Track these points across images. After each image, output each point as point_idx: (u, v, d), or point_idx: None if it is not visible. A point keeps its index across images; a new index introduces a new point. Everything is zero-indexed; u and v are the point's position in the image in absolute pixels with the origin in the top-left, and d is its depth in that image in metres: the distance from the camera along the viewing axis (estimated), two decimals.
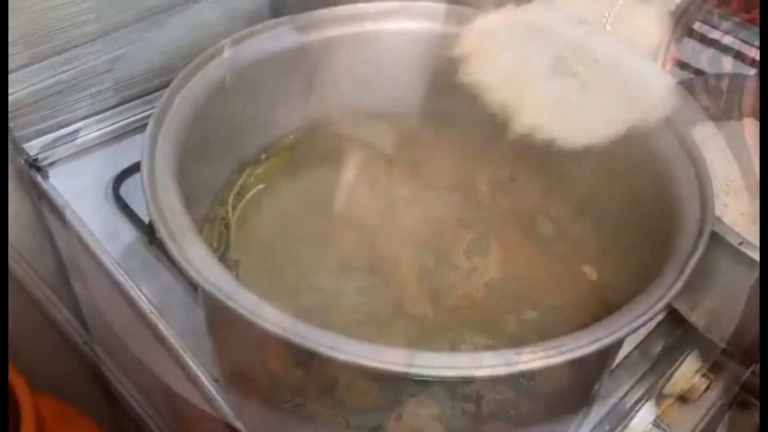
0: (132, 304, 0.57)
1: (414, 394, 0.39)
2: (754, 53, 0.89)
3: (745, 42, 0.92)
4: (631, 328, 0.35)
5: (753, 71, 0.85)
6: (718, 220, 0.52)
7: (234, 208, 0.51)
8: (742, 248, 0.50)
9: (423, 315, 0.48)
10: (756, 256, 0.50)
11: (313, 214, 0.53)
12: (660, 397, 0.63)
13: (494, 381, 0.38)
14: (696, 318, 0.57)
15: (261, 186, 0.53)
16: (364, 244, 0.52)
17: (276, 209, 0.53)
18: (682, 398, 0.64)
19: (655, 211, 0.45)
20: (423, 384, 0.39)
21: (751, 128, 0.68)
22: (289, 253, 0.50)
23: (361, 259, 0.51)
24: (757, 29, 0.91)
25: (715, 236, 0.50)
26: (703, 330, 0.57)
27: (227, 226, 0.50)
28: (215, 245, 0.48)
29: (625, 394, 0.56)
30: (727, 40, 0.91)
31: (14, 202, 0.71)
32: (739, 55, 0.88)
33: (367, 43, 0.56)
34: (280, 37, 0.52)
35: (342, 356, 0.33)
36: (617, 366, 0.56)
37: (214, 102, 0.47)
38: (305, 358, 0.39)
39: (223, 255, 0.48)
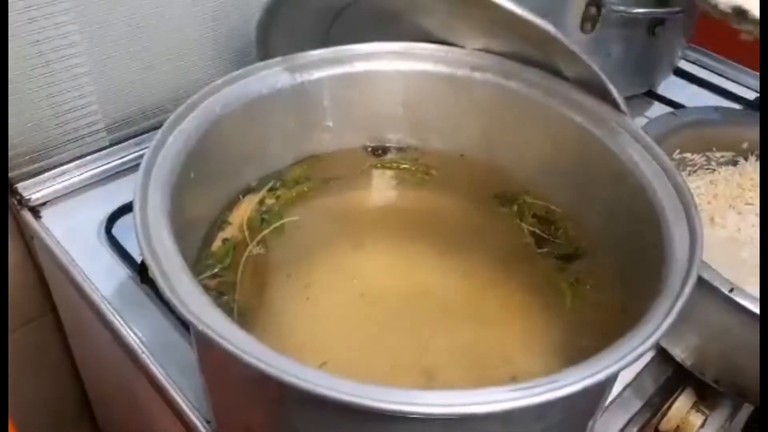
0: (123, 343, 0.57)
1: None
2: (735, 88, 0.91)
3: (728, 78, 0.94)
4: (620, 365, 0.35)
5: (737, 106, 0.87)
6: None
7: (252, 232, 0.52)
8: (719, 286, 0.51)
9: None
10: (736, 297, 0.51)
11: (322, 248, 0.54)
12: None
13: (482, 421, 0.37)
14: (683, 356, 0.58)
15: (279, 216, 0.55)
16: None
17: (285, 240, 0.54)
18: None
19: (644, 251, 0.45)
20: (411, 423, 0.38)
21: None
22: (299, 289, 0.51)
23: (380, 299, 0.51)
24: (738, 66, 0.94)
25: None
26: (691, 368, 0.58)
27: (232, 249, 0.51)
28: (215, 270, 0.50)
29: None
30: (708, 76, 0.94)
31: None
32: (721, 91, 0.90)
33: (358, 82, 0.57)
34: (271, 76, 0.54)
35: (346, 398, 0.32)
36: (610, 404, 0.56)
37: (208, 140, 0.48)
38: (303, 401, 0.38)
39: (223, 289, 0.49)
